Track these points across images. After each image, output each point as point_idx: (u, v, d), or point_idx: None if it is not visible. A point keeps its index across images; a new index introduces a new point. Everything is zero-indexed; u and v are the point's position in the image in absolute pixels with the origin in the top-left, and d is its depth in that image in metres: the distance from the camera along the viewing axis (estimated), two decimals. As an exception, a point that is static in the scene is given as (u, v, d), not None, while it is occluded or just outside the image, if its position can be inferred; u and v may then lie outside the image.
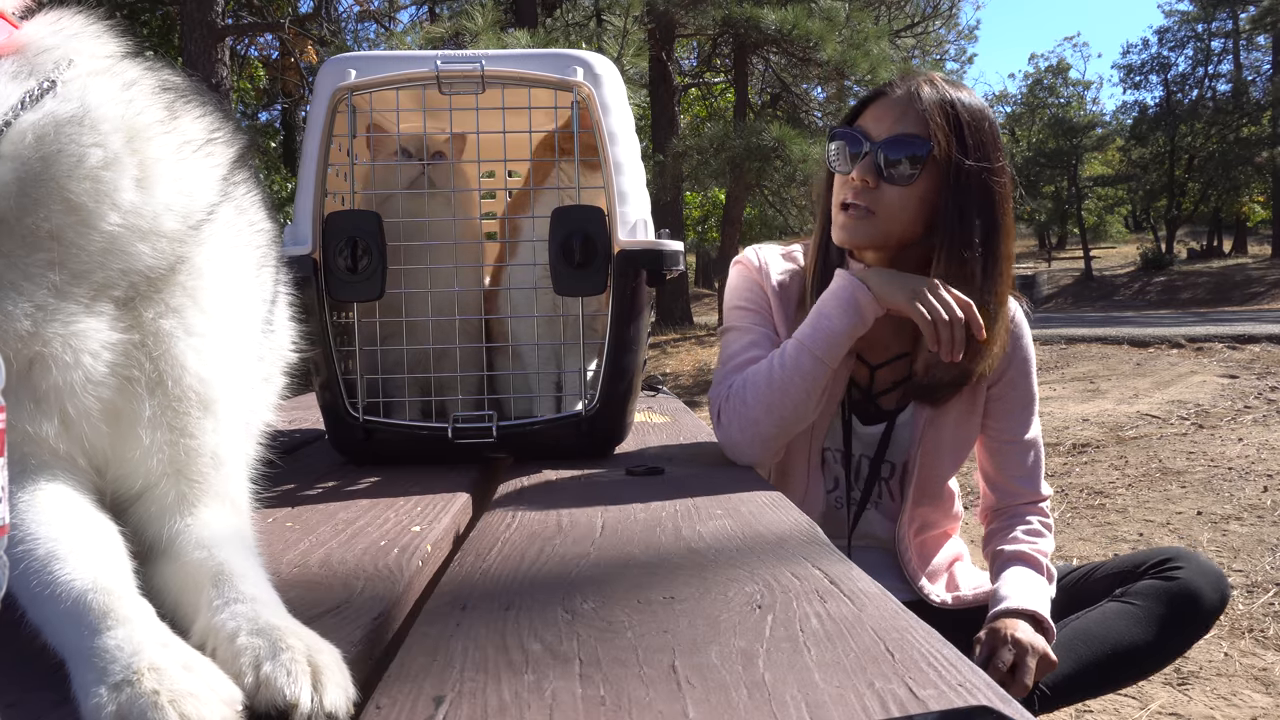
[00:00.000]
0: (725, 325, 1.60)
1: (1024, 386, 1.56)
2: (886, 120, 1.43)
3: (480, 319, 1.54)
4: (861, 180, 1.42)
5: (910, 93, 1.43)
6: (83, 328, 0.66)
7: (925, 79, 1.45)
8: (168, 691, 0.49)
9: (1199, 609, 1.46)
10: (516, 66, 1.36)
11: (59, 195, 0.65)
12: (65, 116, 0.65)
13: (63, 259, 0.65)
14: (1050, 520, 1.59)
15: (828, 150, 1.52)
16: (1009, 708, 0.53)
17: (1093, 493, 4.15)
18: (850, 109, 1.54)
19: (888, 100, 1.46)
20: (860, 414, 1.57)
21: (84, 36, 0.71)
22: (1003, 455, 1.59)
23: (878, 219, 1.43)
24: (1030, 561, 1.51)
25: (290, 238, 1.33)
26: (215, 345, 0.74)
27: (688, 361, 10.57)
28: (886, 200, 1.42)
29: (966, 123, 1.41)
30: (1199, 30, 28.43)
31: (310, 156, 1.33)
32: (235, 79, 13.64)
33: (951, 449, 1.55)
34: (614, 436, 1.47)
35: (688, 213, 18.98)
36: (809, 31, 9.20)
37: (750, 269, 1.60)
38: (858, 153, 1.44)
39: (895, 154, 1.41)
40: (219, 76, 8.50)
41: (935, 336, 1.34)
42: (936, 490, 1.58)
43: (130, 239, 0.68)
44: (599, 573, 0.84)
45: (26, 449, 0.66)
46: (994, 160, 1.42)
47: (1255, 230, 31.27)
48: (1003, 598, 1.43)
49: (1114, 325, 11.11)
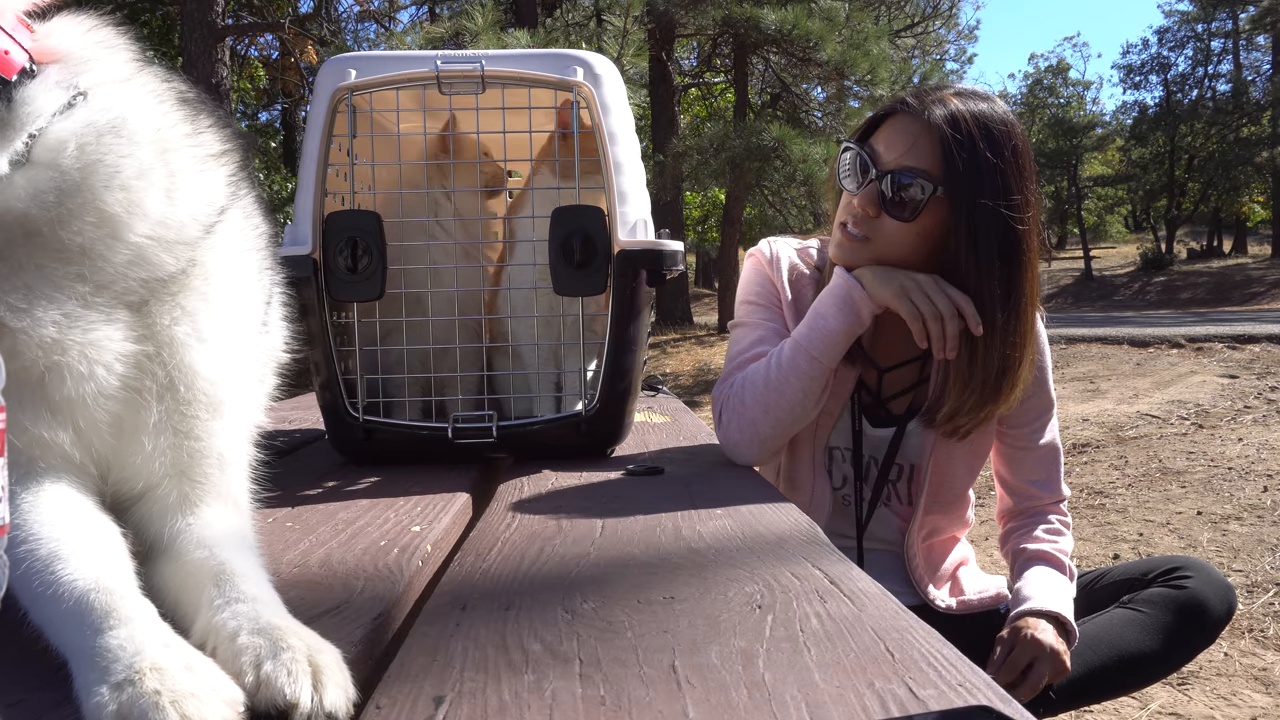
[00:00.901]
0: (735, 320, 1.59)
1: (1041, 393, 1.52)
2: (898, 147, 1.37)
3: (481, 319, 1.54)
4: (863, 209, 1.38)
5: (927, 121, 1.34)
6: (100, 336, 0.66)
7: (945, 99, 1.37)
8: (169, 691, 0.49)
9: (1206, 619, 1.46)
10: (516, 66, 1.36)
11: (93, 206, 0.65)
12: (104, 126, 0.66)
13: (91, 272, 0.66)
14: (1069, 520, 1.58)
15: (840, 160, 1.45)
16: (1009, 708, 0.53)
17: (1093, 493, 4.15)
18: (867, 120, 1.48)
19: (903, 121, 1.38)
20: (870, 417, 1.55)
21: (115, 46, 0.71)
22: (1020, 461, 1.57)
23: (874, 246, 1.40)
24: (1053, 561, 1.49)
25: (290, 237, 1.33)
26: (224, 347, 0.74)
27: (688, 361, 10.57)
28: (885, 231, 1.38)
29: (985, 156, 1.32)
30: (1199, 30, 28.42)
31: (310, 156, 1.33)
32: (235, 79, 13.63)
33: (965, 458, 1.52)
34: (614, 436, 1.46)
35: (688, 213, 18.98)
36: (809, 31, 9.19)
37: (762, 262, 1.58)
38: (865, 177, 1.39)
39: (899, 188, 1.35)
40: (219, 76, 8.49)
41: (924, 332, 1.32)
42: (951, 499, 1.55)
43: (156, 249, 0.69)
44: (599, 573, 0.84)
45: (35, 452, 0.67)
46: (1016, 192, 1.33)
47: (1255, 230, 31.27)
48: (1026, 597, 1.42)
49: (1114, 325, 11.11)
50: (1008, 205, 1.33)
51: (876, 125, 1.44)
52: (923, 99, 1.39)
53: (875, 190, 1.38)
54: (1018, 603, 1.43)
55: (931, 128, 1.34)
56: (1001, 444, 1.57)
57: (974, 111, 1.35)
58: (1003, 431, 1.55)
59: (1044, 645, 1.34)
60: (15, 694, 0.57)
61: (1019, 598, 1.44)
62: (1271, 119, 25.78)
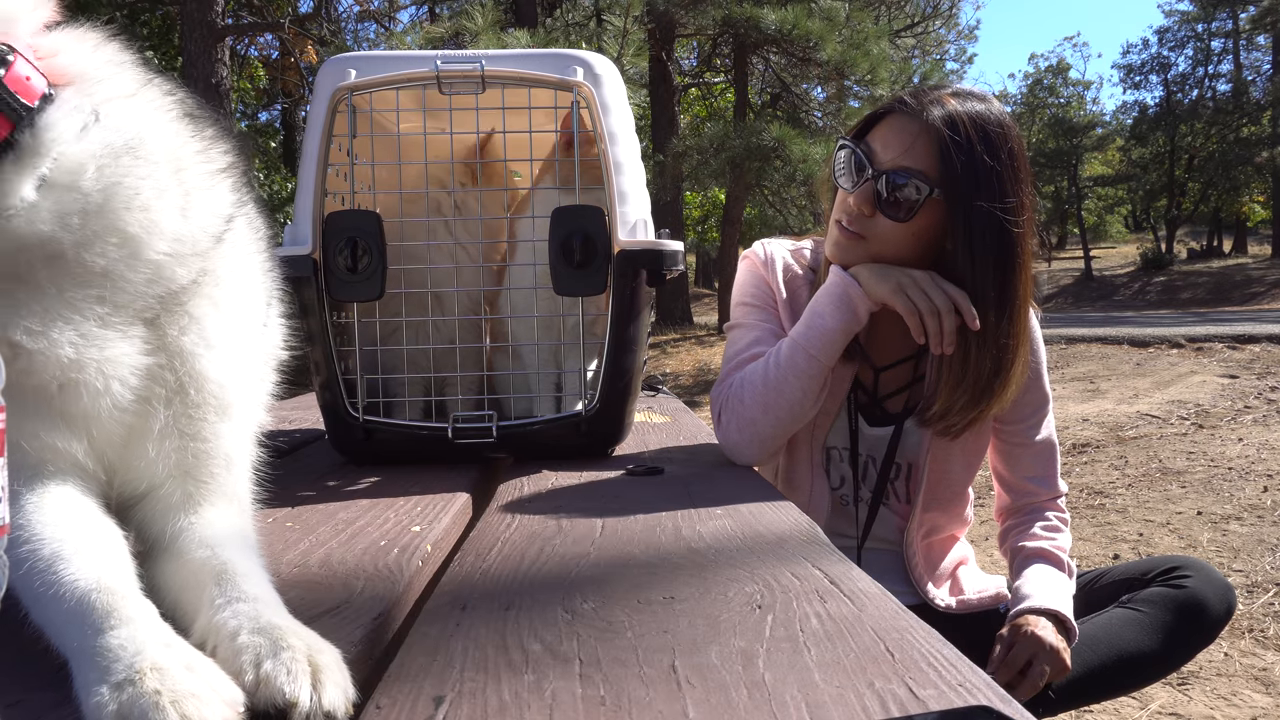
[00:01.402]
0: (731, 322, 1.59)
1: (1036, 389, 1.53)
2: (895, 146, 1.37)
3: (481, 319, 1.54)
4: (858, 207, 1.39)
5: (924, 122, 1.35)
6: (117, 352, 0.67)
7: (943, 99, 1.37)
8: (169, 691, 0.50)
9: (1205, 618, 1.46)
10: (516, 66, 1.36)
11: (115, 228, 0.66)
12: (121, 148, 0.66)
13: (111, 292, 0.66)
14: (1067, 516, 1.59)
15: (836, 157, 1.46)
16: (1009, 708, 0.53)
17: (1093, 493, 4.15)
18: (864, 118, 1.48)
19: (900, 121, 1.38)
20: (866, 416, 1.56)
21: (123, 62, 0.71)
22: (1016, 458, 1.58)
23: (869, 245, 1.40)
24: (1051, 559, 1.50)
25: (290, 237, 1.33)
26: (231, 351, 0.75)
27: (688, 361, 10.57)
28: (880, 230, 1.39)
29: (982, 159, 1.32)
30: (1199, 30, 28.42)
31: (310, 156, 1.33)
32: (235, 79, 13.63)
33: (963, 455, 1.53)
34: (614, 436, 1.47)
35: (688, 213, 18.98)
36: (809, 31, 9.19)
37: (757, 264, 1.58)
38: (861, 175, 1.40)
39: (895, 188, 1.36)
40: (219, 76, 8.49)
41: (920, 328, 1.33)
42: (949, 496, 1.56)
43: (172, 265, 0.69)
44: (599, 573, 0.84)
45: (45, 457, 0.67)
46: (1011, 194, 1.34)
47: (1255, 230, 31.26)
48: (1025, 595, 1.42)
49: (1114, 325, 11.11)
50: (1003, 208, 1.33)
51: (873, 123, 1.44)
52: (920, 99, 1.39)
53: (871, 189, 1.38)
54: (1017, 601, 1.43)
55: (929, 128, 1.34)
56: (998, 440, 1.58)
57: (971, 113, 1.35)
58: (999, 428, 1.56)
59: (1043, 642, 1.34)
60: (15, 694, 0.57)
61: (1018, 596, 1.44)
62: (1271, 119, 25.78)
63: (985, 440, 1.56)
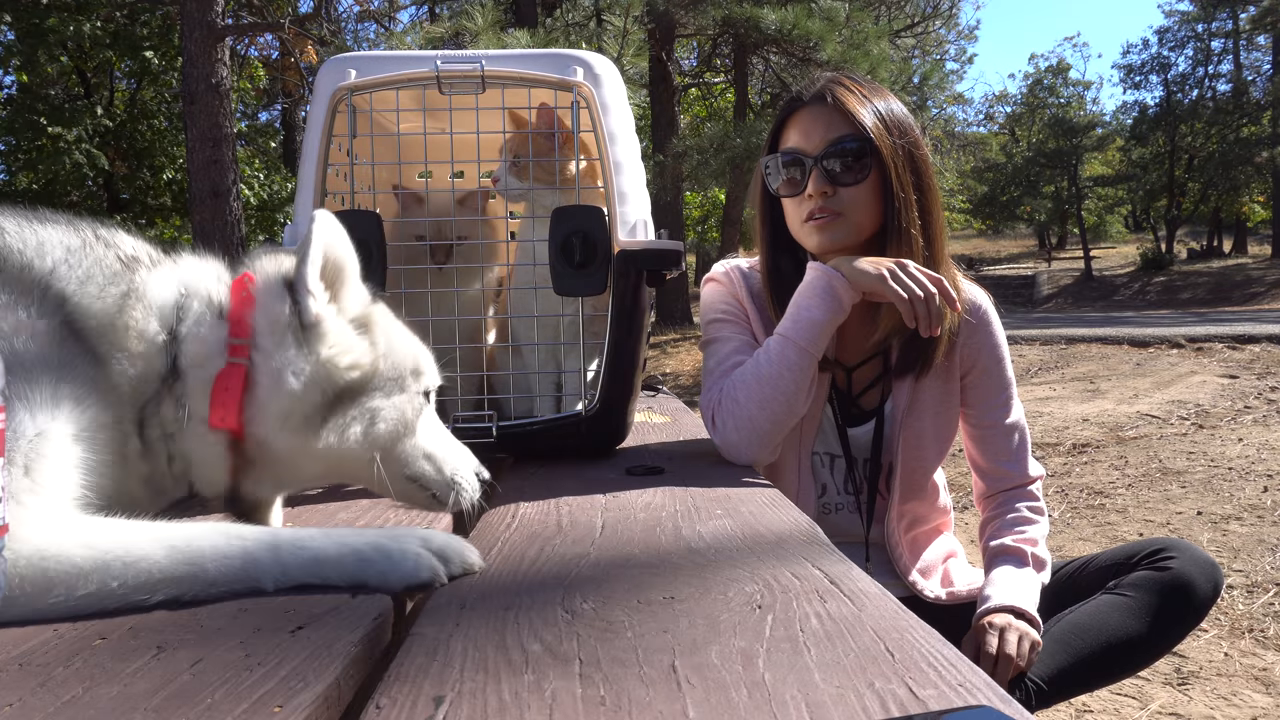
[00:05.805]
0: (706, 338, 1.63)
1: (998, 372, 1.59)
2: (816, 132, 1.48)
3: (481, 319, 1.54)
4: (819, 194, 1.47)
5: (829, 101, 1.48)
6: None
7: (831, 79, 1.51)
8: (458, 542, 0.82)
9: (1192, 599, 1.46)
10: (516, 66, 1.36)
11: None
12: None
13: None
14: (1041, 504, 1.62)
15: (766, 175, 1.55)
16: (1009, 708, 0.53)
17: (1093, 493, 4.15)
18: (769, 135, 1.58)
19: (807, 112, 1.50)
20: (844, 417, 1.60)
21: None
22: (986, 441, 1.62)
23: (848, 217, 1.48)
24: (1015, 554, 1.54)
25: (290, 237, 1.33)
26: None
27: (688, 361, 10.57)
28: (849, 201, 1.47)
29: (881, 106, 1.48)
30: (1199, 30, 28.38)
31: (310, 156, 1.34)
32: (235, 79, 13.62)
33: (934, 438, 1.58)
34: (614, 437, 1.47)
35: (688, 213, 18.99)
36: (809, 31, 9.18)
37: (722, 282, 1.65)
38: (803, 173, 1.48)
39: (840, 159, 1.46)
40: (219, 76, 8.47)
41: (913, 313, 1.37)
42: (921, 483, 1.61)
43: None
44: (599, 573, 0.84)
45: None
46: (912, 132, 1.50)
47: (1255, 230, 31.24)
48: (986, 598, 1.46)
49: (1114, 325, 11.11)
50: (912, 141, 1.49)
51: (780, 131, 1.55)
52: (807, 90, 1.53)
53: (820, 174, 1.47)
54: (980, 604, 1.47)
55: (832, 101, 1.48)
56: (970, 427, 1.63)
57: (848, 76, 1.53)
58: (968, 413, 1.62)
59: (999, 624, 1.39)
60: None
61: (981, 599, 1.48)
62: (1271, 119, 25.77)
63: (952, 420, 1.61)
